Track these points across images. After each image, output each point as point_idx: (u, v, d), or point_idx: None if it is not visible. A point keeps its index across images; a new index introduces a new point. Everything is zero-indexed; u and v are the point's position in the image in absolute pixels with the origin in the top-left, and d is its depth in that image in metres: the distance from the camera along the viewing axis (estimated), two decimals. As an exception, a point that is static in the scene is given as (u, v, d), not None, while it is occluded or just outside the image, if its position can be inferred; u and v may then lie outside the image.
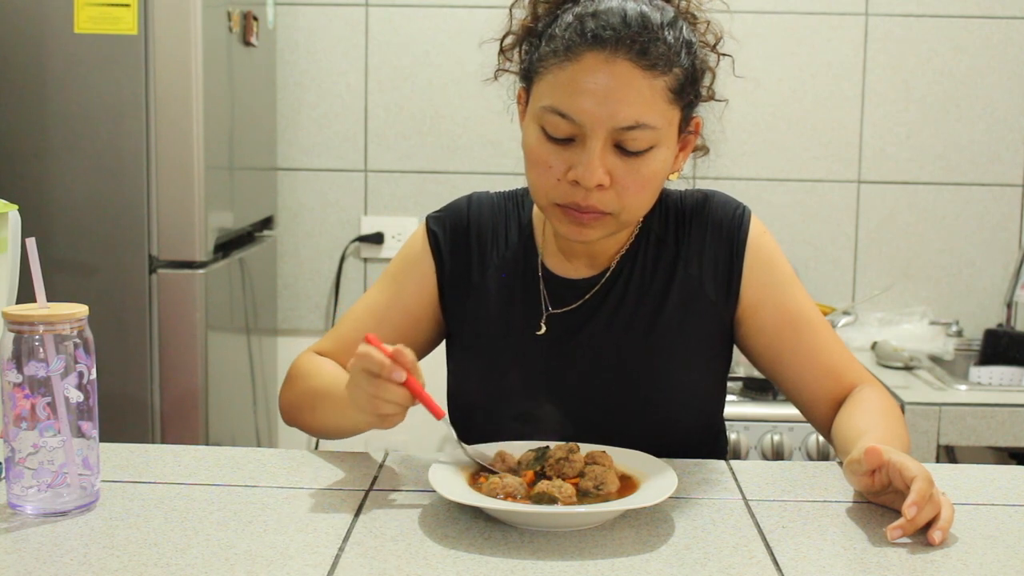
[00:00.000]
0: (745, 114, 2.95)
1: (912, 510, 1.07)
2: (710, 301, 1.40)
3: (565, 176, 1.29)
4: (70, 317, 1.11)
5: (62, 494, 1.13)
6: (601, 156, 1.27)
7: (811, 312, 1.42)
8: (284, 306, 3.03)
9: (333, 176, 3.00)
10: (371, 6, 2.95)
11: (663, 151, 1.31)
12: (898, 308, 2.95)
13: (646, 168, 1.29)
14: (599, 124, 1.26)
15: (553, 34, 1.30)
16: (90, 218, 2.27)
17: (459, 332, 1.47)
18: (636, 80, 1.25)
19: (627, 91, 1.25)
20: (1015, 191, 2.96)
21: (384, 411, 1.19)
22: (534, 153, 1.32)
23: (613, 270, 1.42)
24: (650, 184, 1.31)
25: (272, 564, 1.02)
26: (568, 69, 1.27)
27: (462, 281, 1.45)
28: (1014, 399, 2.41)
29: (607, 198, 1.29)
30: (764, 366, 1.45)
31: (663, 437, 1.34)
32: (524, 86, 1.37)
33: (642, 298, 1.40)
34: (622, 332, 1.40)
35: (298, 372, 1.46)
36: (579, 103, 1.26)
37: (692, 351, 1.41)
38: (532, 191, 1.35)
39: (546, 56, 1.30)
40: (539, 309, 1.42)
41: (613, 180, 1.28)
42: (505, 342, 1.42)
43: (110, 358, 2.13)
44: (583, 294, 1.42)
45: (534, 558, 1.04)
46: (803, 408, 1.45)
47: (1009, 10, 2.91)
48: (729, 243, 1.41)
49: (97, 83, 2.24)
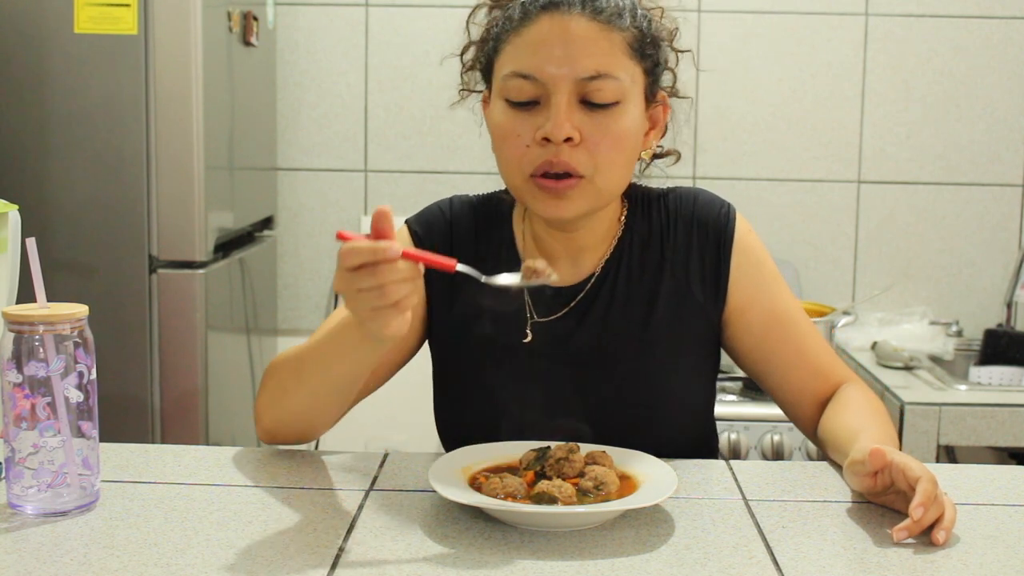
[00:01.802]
0: (745, 114, 2.95)
1: (919, 511, 1.07)
2: (697, 302, 1.39)
3: (534, 140, 1.28)
4: (70, 317, 1.11)
5: (62, 494, 1.13)
6: (568, 110, 1.26)
7: (797, 312, 1.42)
8: (284, 306, 3.03)
9: (333, 176, 3.00)
10: (371, 6, 2.95)
11: (630, 108, 1.30)
12: (898, 308, 2.95)
13: (615, 124, 1.28)
14: (561, 79, 1.26)
15: (507, 15, 1.32)
16: (90, 218, 2.27)
17: (443, 339, 1.43)
18: (593, 32, 1.27)
19: (585, 43, 1.27)
20: (1015, 191, 2.96)
21: (397, 296, 1.09)
22: (502, 127, 1.31)
23: (598, 275, 1.40)
24: (621, 143, 1.30)
25: (272, 564, 1.02)
26: (524, 34, 1.29)
27: (444, 284, 1.41)
28: (1014, 399, 2.41)
29: (579, 156, 1.27)
30: (749, 366, 1.44)
31: (656, 441, 1.32)
32: (487, 87, 1.38)
33: (630, 303, 1.39)
34: (612, 339, 1.38)
35: (271, 365, 1.38)
36: (539, 61, 1.27)
37: (683, 354, 1.40)
38: (505, 171, 1.33)
39: (503, 32, 1.32)
40: (523, 315, 1.39)
41: (583, 137, 1.27)
42: (491, 349, 1.39)
43: (110, 358, 2.13)
44: (568, 301, 1.39)
45: (534, 558, 1.04)
46: (787, 407, 1.45)
47: (1009, 10, 2.91)
48: (716, 243, 1.40)
49: (97, 83, 2.24)
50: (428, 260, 1.11)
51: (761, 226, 2.93)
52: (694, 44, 2.91)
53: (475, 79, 1.42)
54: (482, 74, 1.39)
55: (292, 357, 1.33)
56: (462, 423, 1.42)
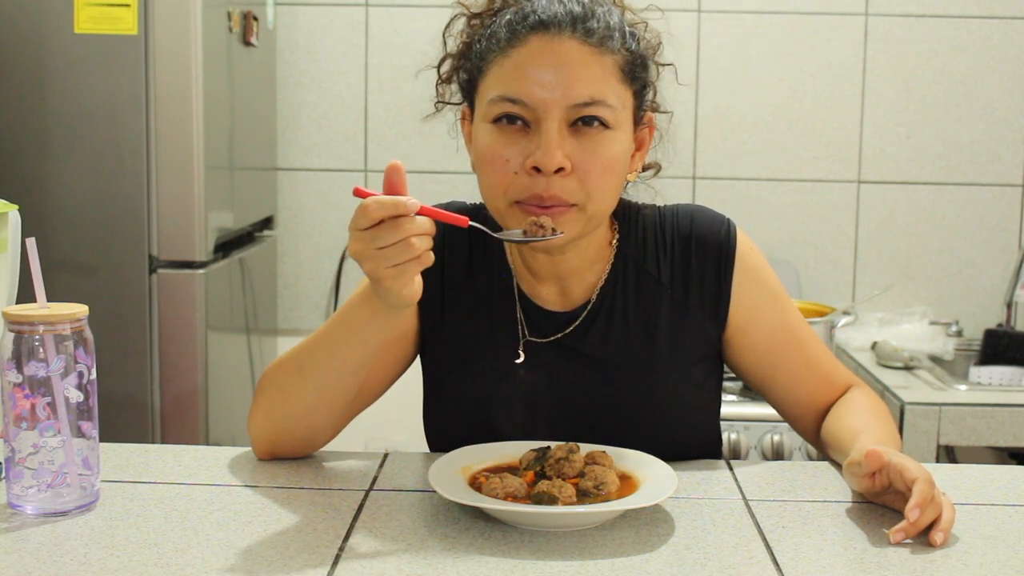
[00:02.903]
0: (745, 114, 2.95)
1: (915, 513, 1.07)
2: (698, 321, 1.36)
3: (523, 168, 1.23)
4: (70, 317, 1.11)
5: (62, 494, 1.13)
6: (559, 138, 1.23)
7: (800, 325, 1.40)
8: (284, 306, 3.03)
9: (333, 176, 3.00)
10: (371, 6, 2.95)
11: (620, 135, 1.27)
12: (898, 308, 2.95)
13: (605, 150, 1.25)
14: (553, 104, 1.23)
15: (493, 33, 1.28)
16: (90, 218, 2.27)
17: (434, 354, 1.41)
18: (585, 57, 1.24)
19: (577, 67, 1.23)
20: (1015, 191, 2.96)
21: (419, 249, 1.09)
22: (488, 152, 1.26)
23: (594, 304, 1.36)
24: (611, 169, 1.26)
25: (272, 564, 1.02)
26: (513, 56, 1.25)
27: (436, 290, 1.38)
28: (1014, 399, 2.41)
29: (570, 186, 1.24)
30: (753, 380, 1.42)
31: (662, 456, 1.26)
32: (467, 103, 1.34)
33: (628, 331, 1.35)
34: (612, 364, 1.35)
35: (264, 377, 1.33)
36: (529, 86, 1.23)
37: (686, 376, 1.37)
38: (488, 195, 1.29)
39: (488, 52, 1.28)
40: (515, 332, 1.37)
41: (573, 165, 1.23)
42: (483, 365, 1.36)
43: (110, 358, 2.13)
44: (562, 327, 1.36)
45: (534, 558, 1.04)
46: (792, 418, 1.43)
47: (1009, 10, 2.91)
48: (716, 261, 1.36)
49: (97, 83, 2.24)
50: (443, 216, 1.13)
51: (761, 226, 2.94)
52: (694, 44, 2.91)
53: (451, 92, 1.38)
54: (462, 89, 1.35)
55: (288, 359, 1.31)
56: (450, 436, 1.35)
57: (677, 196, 1.47)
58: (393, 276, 1.10)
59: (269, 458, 1.33)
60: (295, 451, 1.33)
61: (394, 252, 1.09)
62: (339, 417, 1.32)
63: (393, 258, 1.09)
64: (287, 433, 1.30)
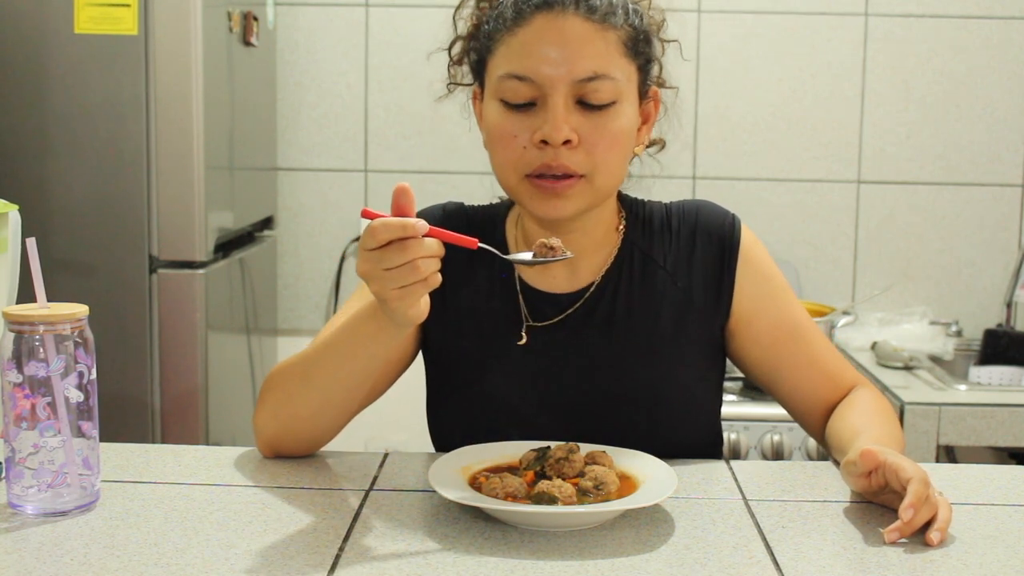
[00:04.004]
0: (745, 114, 2.95)
1: (909, 512, 1.07)
2: (700, 311, 1.38)
3: (531, 142, 1.27)
4: (70, 317, 1.11)
5: (62, 494, 1.13)
6: (565, 112, 1.26)
7: (805, 321, 1.41)
8: (284, 306, 3.03)
9: (333, 176, 3.00)
10: (371, 6, 2.95)
11: (626, 108, 1.30)
12: (898, 308, 2.95)
13: (612, 124, 1.29)
14: (559, 80, 1.26)
15: (500, 13, 1.32)
16: (90, 218, 2.27)
17: (437, 346, 1.42)
18: (589, 33, 1.27)
19: (581, 43, 1.27)
20: (1015, 191, 2.96)
21: (426, 272, 1.10)
22: (498, 128, 1.30)
23: (598, 284, 1.38)
24: (618, 143, 1.30)
25: (272, 564, 1.02)
26: (519, 34, 1.29)
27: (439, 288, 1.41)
28: (1014, 399, 2.41)
29: (577, 157, 1.27)
30: (758, 375, 1.43)
31: (660, 451, 1.29)
32: (477, 84, 1.37)
33: (631, 315, 1.37)
34: (614, 348, 1.36)
35: (270, 378, 1.34)
36: (535, 62, 1.27)
37: (688, 364, 1.38)
38: (500, 171, 1.32)
39: (496, 31, 1.31)
40: (518, 320, 1.38)
41: (580, 138, 1.27)
42: (486, 354, 1.38)
43: (110, 358, 2.14)
44: (565, 308, 1.38)
45: (534, 558, 1.04)
46: (798, 415, 1.44)
47: (1009, 10, 2.91)
48: (719, 253, 1.39)
49: (97, 83, 2.24)
50: (451, 238, 1.13)
51: (761, 226, 2.94)
52: (694, 44, 2.91)
53: (462, 73, 1.41)
54: (472, 70, 1.39)
55: (295, 364, 1.32)
56: (456, 429, 1.39)
57: (677, 196, 1.47)
58: (399, 297, 1.12)
59: (273, 456, 1.34)
60: (299, 450, 1.34)
61: (400, 274, 1.10)
62: (344, 419, 1.34)
63: (399, 280, 1.10)
64: (292, 434, 1.32)
